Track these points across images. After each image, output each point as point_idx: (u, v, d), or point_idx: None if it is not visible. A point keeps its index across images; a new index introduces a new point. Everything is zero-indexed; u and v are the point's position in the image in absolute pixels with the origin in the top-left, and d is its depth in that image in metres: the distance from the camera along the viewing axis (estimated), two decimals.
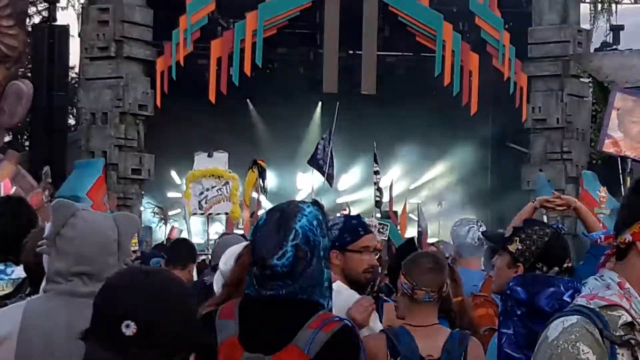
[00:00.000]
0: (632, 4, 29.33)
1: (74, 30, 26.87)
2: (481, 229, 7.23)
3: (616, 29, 28.95)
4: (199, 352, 2.32)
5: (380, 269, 6.83)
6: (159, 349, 2.21)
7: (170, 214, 29.56)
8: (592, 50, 26.95)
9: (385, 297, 5.91)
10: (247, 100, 30.89)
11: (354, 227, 5.19)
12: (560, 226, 12.68)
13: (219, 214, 11.33)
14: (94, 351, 2.22)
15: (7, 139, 27.85)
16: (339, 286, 4.60)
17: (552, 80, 28.03)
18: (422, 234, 19.75)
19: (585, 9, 28.93)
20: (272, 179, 26.13)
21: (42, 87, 24.36)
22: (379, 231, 15.64)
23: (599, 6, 29.02)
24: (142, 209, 26.59)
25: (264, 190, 15.40)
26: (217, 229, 21.21)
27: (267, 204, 16.25)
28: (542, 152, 28.10)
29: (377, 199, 18.72)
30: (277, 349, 3.43)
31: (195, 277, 9.35)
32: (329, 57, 27.02)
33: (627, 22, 29.12)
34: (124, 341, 2.18)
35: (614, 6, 29.11)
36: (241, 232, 18.41)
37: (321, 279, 3.55)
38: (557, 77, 27.97)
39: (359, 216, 6.01)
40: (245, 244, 5.06)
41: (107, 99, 26.09)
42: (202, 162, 13.67)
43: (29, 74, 26.78)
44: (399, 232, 20.31)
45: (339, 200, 30.51)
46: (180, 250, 9.16)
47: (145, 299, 2.22)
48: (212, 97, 26.35)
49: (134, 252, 14.12)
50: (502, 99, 27.65)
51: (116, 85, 26.09)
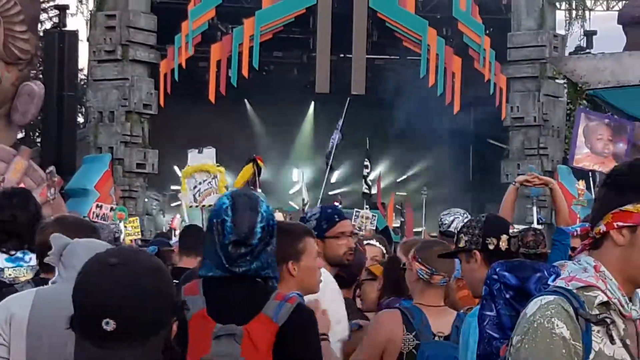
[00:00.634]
0: (604, 11, 29.38)
1: (83, 35, 26.84)
2: (465, 220, 7.23)
3: (589, 34, 29.01)
4: (179, 322, 2.36)
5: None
6: (140, 336, 2.23)
7: (173, 205, 29.61)
8: (567, 53, 26.96)
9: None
10: (245, 100, 30.91)
11: (330, 215, 5.22)
12: (539, 217, 12.62)
13: (210, 205, 11.32)
14: (84, 346, 2.24)
15: (20, 135, 27.83)
16: (326, 277, 4.58)
17: (530, 81, 28.06)
18: (405, 223, 19.75)
19: (560, 15, 29.02)
20: (267, 173, 26.09)
21: (52, 87, 24.32)
22: (370, 222, 15.67)
23: (574, 13, 29.08)
24: (145, 200, 26.60)
25: (255, 186, 15.33)
26: None
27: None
28: (520, 148, 28.12)
29: (365, 190, 18.69)
30: (247, 320, 3.47)
31: None
32: (321, 60, 27.01)
33: (599, 27, 29.24)
34: (107, 336, 2.20)
35: (587, 13, 29.20)
36: None
37: (275, 257, 3.66)
38: (534, 78, 28.00)
39: (334, 206, 6.09)
40: None
41: (113, 99, 26.08)
42: (194, 158, 13.73)
43: (41, 76, 26.74)
44: (387, 222, 20.32)
45: (331, 192, 30.52)
46: (193, 236, 8.77)
47: (118, 295, 2.22)
48: (212, 97, 26.35)
49: (142, 240, 14.09)
50: (483, 98, 27.65)
51: (122, 86, 26.07)
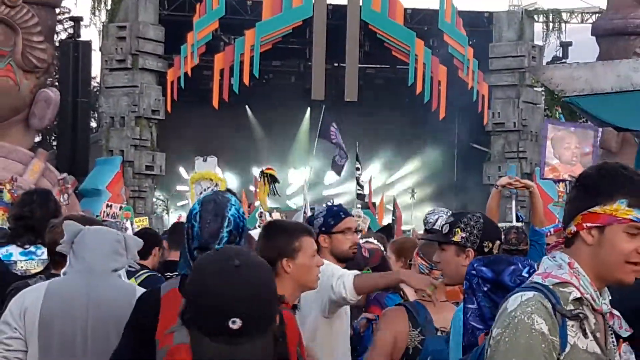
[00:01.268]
0: (578, 23, 29.39)
1: (96, 45, 26.83)
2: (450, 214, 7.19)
3: (565, 45, 29.03)
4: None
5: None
6: (260, 331, 2.24)
7: (178, 204, 29.59)
8: (544, 63, 26.97)
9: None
10: (246, 106, 30.86)
11: (336, 212, 5.21)
12: (519, 214, 12.55)
13: None
14: (205, 342, 2.22)
15: (37, 139, 27.81)
16: (327, 263, 4.60)
17: (510, 89, 28.11)
18: (395, 222, 19.71)
19: (538, 27, 29.02)
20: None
21: (67, 94, 24.28)
22: (363, 221, 15.59)
23: (551, 25, 29.06)
24: (154, 200, 26.61)
25: (274, 193, 15.38)
26: None
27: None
28: (501, 151, 28.16)
29: (359, 192, 18.66)
30: None
31: None
32: (317, 69, 27.03)
33: (574, 39, 29.22)
34: (232, 334, 2.20)
35: (563, 25, 29.17)
36: None
37: None
38: (514, 86, 28.05)
39: (339, 204, 6.04)
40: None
41: (124, 105, 26.08)
42: (200, 165, 13.79)
43: (57, 83, 26.71)
44: (377, 220, 20.31)
45: (325, 192, 30.50)
46: (179, 233, 8.47)
47: (245, 295, 2.22)
48: (215, 103, 26.36)
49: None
50: (467, 105, 27.68)
51: (132, 92, 26.07)
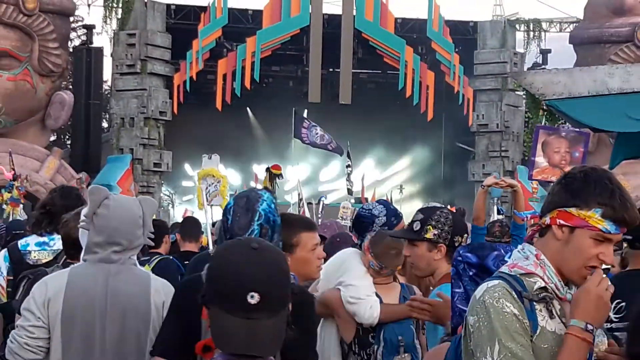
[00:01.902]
0: (557, 32, 29.40)
1: (107, 51, 26.82)
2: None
3: (545, 52, 29.04)
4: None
5: None
6: (275, 309, 2.28)
7: (184, 199, 29.57)
8: (525, 69, 26.99)
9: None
10: (247, 108, 30.83)
11: (395, 211, 4.87)
12: (499, 208, 12.57)
13: (216, 205, 11.47)
14: (223, 317, 2.27)
15: (52, 138, 27.84)
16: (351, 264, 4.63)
17: (493, 93, 28.12)
18: None
19: (520, 36, 29.02)
20: (265, 171, 26.13)
21: (81, 96, 24.31)
22: (351, 212, 15.57)
23: (531, 34, 29.06)
24: (161, 195, 26.60)
25: (273, 191, 15.34)
26: (218, 214, 21.18)
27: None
28: (485, 150, 28.18)
29: (349, 187, 18.60)
30: None
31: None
32: (313, 74, 27.03)
33: (553, 47, 29.25)
34: (250, 308, 2.24)
35: (543, 34, 29.17)
36: None
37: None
38: (497, 90, 28.06)
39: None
40: None
41: (133, 107, 26.05)
42: (205, 163, 13.82)
43: (71, 86, 26.71)
44: None
45: (320, 188, 30.50)
46: (189, 226, 8.58)
47: (263, 272, 2.27)
48: (218, 106, 26.34)
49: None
50: (453, 108, 27.70)
51: (141, 95, 26.05)
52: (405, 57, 26.70)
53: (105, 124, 31.35)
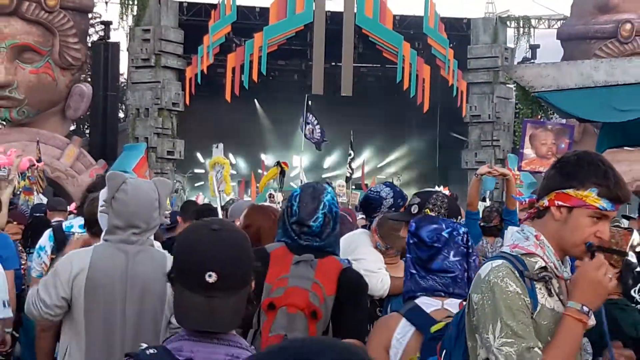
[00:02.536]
0: (546, 28, 29.32)
1: (124, 45, 26.80)
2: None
3: (534, 48, 29.00)
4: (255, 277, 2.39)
5: None
6: (233, 288, 2.26)
7: (196, 185, 29.61)
8: (515, 63, 26.95)
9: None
10: (255, 99, 30.86)
11: (401, 193, 4.98)
12: (484, 195, 12.51)
13: (221, 191, 11.54)
14: (185, 294, 2.27)
15: (72, 128, 27.81)
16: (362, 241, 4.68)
17: (485, 86, 28.07)
18: None
19: (510, 32, 28.96)
20: (271, 159, 26.15)
21: (99, 88, 24.30)
22: (345, 189, 15.90)
23: (521, 30, 29.00)
24: (174, 181, 26.60)
25: (280, 187, 15.24)
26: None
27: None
28: (477, 140, 28.16)
29: (349, 174, 18.59)
30: (320, 258, 3.55)
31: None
32: (317, 67, 26.99)
33: (542, 42, 29.20)
34: (208, 287, 2.23)
35: (532, 30, 29.10)
36: (249, 199, 18.43)
37: (338, 238, 3.72)
38: (489, 83, 28.02)
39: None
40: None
41: (148, 98, 26.05)
42: (215, 151, 13.90)
43: (89, 79, 26.71)
44: None
45: (323, 175, 30.56)
46: (189, 209, 8.42)
47: (221, 253, 2.25)
48: (228, 97, 26.32)
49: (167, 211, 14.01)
50: (447, 99, 27.67)
51: (155, 87, 26.04)
52: (403, 52, 26.65)
53: (121, 114, 31.38)
